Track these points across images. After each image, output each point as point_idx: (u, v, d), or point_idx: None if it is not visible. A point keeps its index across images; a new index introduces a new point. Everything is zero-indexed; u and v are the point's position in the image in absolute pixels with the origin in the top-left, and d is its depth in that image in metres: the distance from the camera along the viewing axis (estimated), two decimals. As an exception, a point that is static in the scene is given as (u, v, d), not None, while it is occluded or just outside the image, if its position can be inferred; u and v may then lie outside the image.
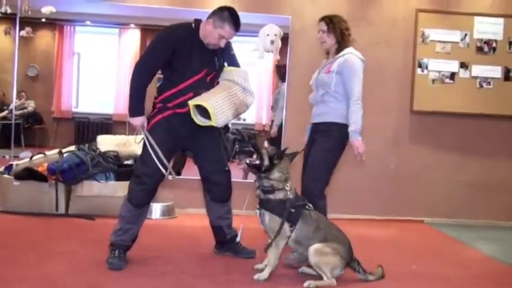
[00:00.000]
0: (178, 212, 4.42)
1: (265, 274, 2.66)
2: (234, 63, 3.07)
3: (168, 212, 4.31)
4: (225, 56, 3.01)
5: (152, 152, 2.80)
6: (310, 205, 2.75)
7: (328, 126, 3.07)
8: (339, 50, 3.12)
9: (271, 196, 2.68)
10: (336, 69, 3.06)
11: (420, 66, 4.69)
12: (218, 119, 2.79)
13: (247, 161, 2.71)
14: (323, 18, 3.17)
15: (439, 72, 4.70)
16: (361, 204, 4.66)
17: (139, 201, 2.86)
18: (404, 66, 4.70)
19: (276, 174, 2.69)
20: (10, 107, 7.15)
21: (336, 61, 3.09)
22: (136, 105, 2.84)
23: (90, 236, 3.46)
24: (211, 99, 2.78)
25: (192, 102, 2.79)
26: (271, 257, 2.68)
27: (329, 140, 3.06)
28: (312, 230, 2.67)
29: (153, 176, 2.85)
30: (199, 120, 2.82)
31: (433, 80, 4.70)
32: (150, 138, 2.84)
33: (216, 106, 2.77)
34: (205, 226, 3.25)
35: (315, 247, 2.60)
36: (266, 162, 2.68)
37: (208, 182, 3.09)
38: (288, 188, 2.69)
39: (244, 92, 2.96)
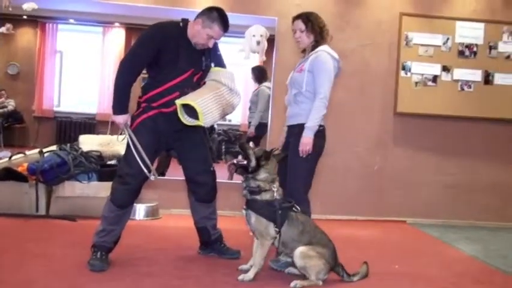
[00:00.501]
0: (163, 213, 4.38)
1: (250, 275, 2.66)
2: (220, 63, 3.06)
3: (152, 213, 4.27)
4: (211, 56, 2.99)
5: (135, 152, 2.77)
6: (297, 207, 2.73)
7: (302, 129, 2.94)
8: (315, 47, 3.02)
9: (257, 197, 2.67)
10: (308, 67, 2.97)
11: (404, 68, 4.75)
12: (206, 119, 2.77)
13: (235, 161, 2.70)
14: (299, 17, 3.05)
15: (422, 75, 4.77)
16: (345, 205, 4.70)
17: (123, 202, 2.82)
18: (389, 68, 4.75)
19: (262, 175, 2.68)
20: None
21: (308, 59, 3.00)
22: (120, 103, 2.80)
23: (71, 238, 3.40)
24: (198, 99, 2.76)
25: (179, 101, 2.77)
26: (257, 258, 2.68)
27: (296, 147, 2.93)
28: (298, 233, 2.66)
29: (136, 176, 2.81)
30: (186, 120, 2.79)
31: (416, 83, 4.77)
32: (133, 137, 2.80)
33: (204, 106, 2.75)
34: (189, 227, 3.23)
35: (300, 250, 2.61)
36: (253, 163, 2.66)
37: (193, 182, 3.07)
38: (275, 189, 2.68)
39: (231, 93, 2.95)
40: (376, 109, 4.78)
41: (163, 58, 2.81)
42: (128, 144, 2.84)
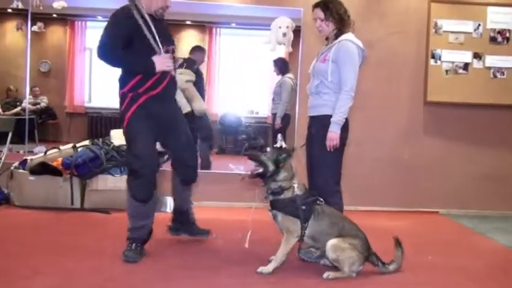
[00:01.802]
0: (194, 206, 4.42)
1: (269, 268, 2.65)
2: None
3: (182, 206, 4.32)
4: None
5: (139, 143, 2.81)
6: (321, 200, 2.70)
7: (324, 120, 2.88)
8: (338, 35, 2.93)
9: (280, 197, 2.65)
10: (332, 57, 2.88)
11: (433, 57, 4.65)
12: None
13: (249, 173, 2.68)
14: (318, 5, 2.96)
15: (453, 62, 4.66)
16: (374, 196, 4.66)
17: (144, 196, 2.84)
18: (417, 57, 4.67)
19: (282, 174, 2.65)
20: (23, 103, 7.23)
21: (332, 48, 2.91)
22: (138, 62, 2.78)
23: (105, 230, 3.49)
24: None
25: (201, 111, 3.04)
26: (279, 253, 2.67)
27: (321, 139, 2.87)
28: (326, 226, 2.65)
29: (148, 167, 2.83)
30: None
31: (447, 71, 4.66)
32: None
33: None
34: (220, 219, 3.28)
35: (331, 243, 2.59)
36: (271, 167, 2.63)
37: (181, 162, 3.11)
38: (295, 185, 2.66)
39: None
40: (405, 99, 4.70)
41: (135, 42, 2.77)
42: (129, 138, 2.85)
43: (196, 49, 5.63)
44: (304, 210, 2.62)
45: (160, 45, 2.79)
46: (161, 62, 2.78)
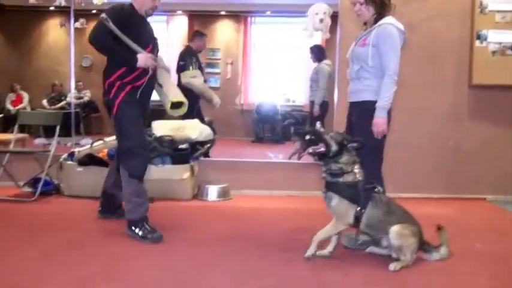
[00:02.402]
0: (234, 194, 4.48)
1: (312, 249, 2.64)
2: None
3: (223, 194, 4.39)
4: None
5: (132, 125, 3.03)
6: (380, 188, 2.67)
7: (365, 106, 2.83)
8: (378, 19, 2.85)
9: (340, 179, 2.60)
10: (372, 41, 2.81)
11: (479, 38, 4.46)
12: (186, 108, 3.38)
13: (310, 150, 2.61)
14: None
15: (500, 43, 4.45)
16: (419, 183, 4.54)
17: (141, 173, 3.05)
18: (461, 39, 4.49)
19: (344, 157, 2.59)
20: (68, 97, 7.49)
21: (372, 32, 2.83)
22: (124, 54, 2.99)
23: (150, 218, 3.57)
24: (180, 93, 3.37)
25: (172, 99, 3.24)
26: (321, 233, 2.65)
27: (370, 123, 2.82)
28: (383, 214, 2.60)
29: (142, 145, 3.07)
30: (173, 112, 3.34)
31: (493, 52, 4.46)
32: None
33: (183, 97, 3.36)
34: (259, 207, 3.31)
35: (395, 229, 2.54)
36: (334, 147, 2.57)
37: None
38: (356, 171, 2.61)
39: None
40: (448, 82, 4.55)
41: (129, 37, 2.98)
42: (120, 122, 3.04)
43: (197, 35, 5.58)
44: (363, 197, 2.58)
45: (139, 48, 3.00)
46: (144, 59, 3.00)
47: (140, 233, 2.98)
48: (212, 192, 4.34)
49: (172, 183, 4.21)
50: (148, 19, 3.19)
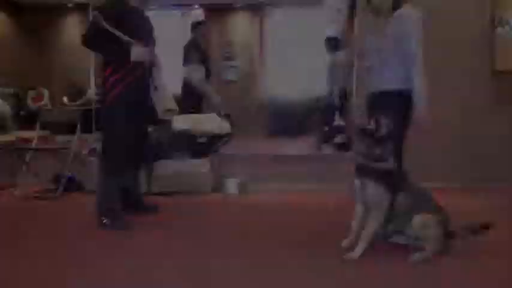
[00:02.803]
0: (253, 187, 4.47)
1: (359, 250, 2.54)
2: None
3: (242, 188, 4.39)
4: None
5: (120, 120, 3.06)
6: (410, 177, 2.64)
7: (385, 97, 2.83)
8: (395, 8, 2.82)
9: (379, 165, 2.55)
10: (392, 30, 2.80)
11: (501, 21, 4.35)
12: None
13: (362, 127, 2.59)
14: None
15: (523, 28, 4.34)
16: (440, 172, 4.44)
17: (118, 173, 3.14)
18: (482, 24, 4.39)
19: (388, 144, 2.55)
20: (88, 94, 7.59)
21: (391, 22, 2.82)
22: (117, 50, 3.01)
23: (169, 212, 3.61)
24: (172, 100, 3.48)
25: (165, 107, 3.37)
26: (367, 231, 2.55)
27: (390, 114, 2.72)
28: (413, 203, 2.55)
29: (126, 143, 3.10)
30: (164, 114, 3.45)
31: (516, 37, 4.36)
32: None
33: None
34: (279, 202, 3.28)
35: (420, 219, 2.51)
36: (384, 130, 2.53)
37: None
38: (391, 159, 2.58)
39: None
40: (468, 68, 4.45)
41: (123, 32, 3.01)
42: (110, 117, 3.10)
43: (197, 26, 5.35)
44: (396, 185, 2.54)
45: (132, 42, 3.02)
46: (138, 53, 3.03)
47: (107, 222, 3.08)
48: (231, 185, 4.35)
49: (192, 177, 4.24)
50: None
